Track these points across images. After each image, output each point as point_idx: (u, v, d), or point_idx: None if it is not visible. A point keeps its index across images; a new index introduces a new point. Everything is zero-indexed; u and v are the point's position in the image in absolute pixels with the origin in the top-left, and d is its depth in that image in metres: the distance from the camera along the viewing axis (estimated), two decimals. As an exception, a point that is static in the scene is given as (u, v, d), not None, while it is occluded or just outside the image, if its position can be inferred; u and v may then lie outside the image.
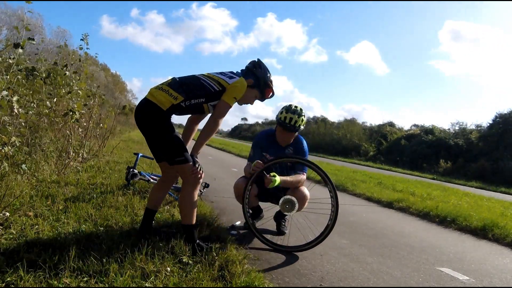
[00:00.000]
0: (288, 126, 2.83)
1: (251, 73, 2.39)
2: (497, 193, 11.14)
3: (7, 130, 2.78)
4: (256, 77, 2.38)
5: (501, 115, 20.07)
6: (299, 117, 2.83)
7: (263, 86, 2.41)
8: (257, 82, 2.38)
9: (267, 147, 3.02)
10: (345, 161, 19.93)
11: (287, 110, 2.86)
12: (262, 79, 2.39)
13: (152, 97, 2.15)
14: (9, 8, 21.78)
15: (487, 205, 5.89)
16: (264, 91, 2.44)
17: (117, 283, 1.65)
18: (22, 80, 3.61)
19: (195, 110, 2.28)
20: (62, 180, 3.67)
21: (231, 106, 2.26)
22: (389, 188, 6.96)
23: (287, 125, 2.83)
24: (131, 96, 52.14)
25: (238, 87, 2.25)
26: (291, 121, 2.82)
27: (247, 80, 2.34)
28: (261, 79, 2.39)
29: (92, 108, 5.68)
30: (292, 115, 2.82)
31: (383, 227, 3.92)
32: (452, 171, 18.22)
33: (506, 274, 2.72)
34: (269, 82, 2.44)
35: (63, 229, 2.25)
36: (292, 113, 2.83)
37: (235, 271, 1.94)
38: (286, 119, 2.83)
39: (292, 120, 2.82)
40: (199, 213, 3.16)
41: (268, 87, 2.44)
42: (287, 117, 2.83)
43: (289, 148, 3.00)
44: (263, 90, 2.43)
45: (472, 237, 3.90)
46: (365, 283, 2.22)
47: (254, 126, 60.11)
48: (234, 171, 7.61)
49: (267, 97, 2.49)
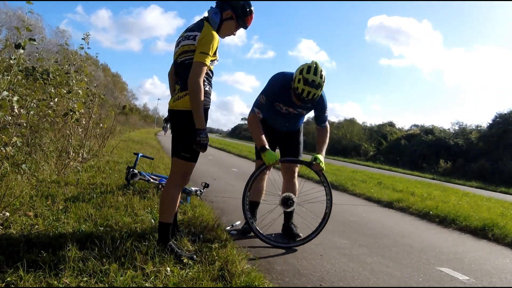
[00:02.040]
0: (305, 100, 2.52)
1: (226, 4, 2.20)
2: (497, 193, 11.14)
3: (8, 130, 2.77)
4: (233, 7, 2.19)
5: (501, 115, 20.06)
6: (318, 88, 2.46)
7: (242, 14, 2.22)
8: (236, 13, 2.20)
9: (281, 98, 2.72)
10: (345, 161, 19.95)
11: (305, 82, 2.45)
12: (240, 7, 2.20)
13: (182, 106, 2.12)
14: (9, 8, 21.77)
15: (487, 205, 5.89)
16: (245, 20, 2.25)
17: (117, 283, 1.65)
18: (22, 80, 3.61)
19: None
20: (62, 180, 3.67)
21: (204, 63, 2.03)
22: (389, 188, 6.96)
23: (304, 99, 2.51)
24: (131, 96, 52.20)
25: (203, 41, 2.05)
26: (309, 95, 2.47)
27: (225, 12, 2.20)
28: (238, 7, 2.20)
29: (92, 108, 5.67)
30: (310, 88, 2.45)
31: (383, 227, 3.92)
32: (452, 171, 18.23)
33: (506, 274, 2.72)
34: (249, 11, 2.23)
35: (63, 229, 2.25)
36: (310, 85, 2.45)
37: (235, 271, 1.94)
38: (304, 93, 2.47)
39: (310, 94, 2.47)
40: (199, 213, 3.16)
41: (248, 14, 2.24)
42: (305, 90, 2.46)
43: None
44: (243, 19, 2.24)
45: (472, 237, 3.90)
46: (365, 283, 2.22)
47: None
48: (234, 171, 7.61)
49: (248, 24, 2.28)
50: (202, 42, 2.06)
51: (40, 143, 4.31)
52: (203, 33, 2.08)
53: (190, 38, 2.12)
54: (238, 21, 2.24)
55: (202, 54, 2.03)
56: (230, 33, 2.29)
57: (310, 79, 2.46)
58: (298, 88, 2.50)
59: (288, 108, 2.81)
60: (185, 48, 2.13)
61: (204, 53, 2.03)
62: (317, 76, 2.47)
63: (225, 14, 2.21)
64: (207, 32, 2.08)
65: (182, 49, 2.15)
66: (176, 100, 2.16)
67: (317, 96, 2.53)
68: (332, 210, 2.75)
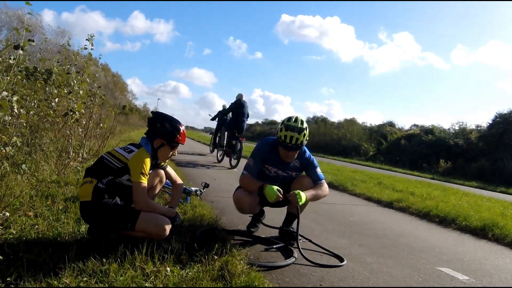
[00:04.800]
0: (289, 146, 2.61)
1: (154, 133, 2.29)
2: (497, 193, 11.13)
3: (8, 130, 2.78)
4: (161, 134, 2.27)
5: (501, 115, 20.04)
6: (300, 133, 2.58)
7: (170, 138, 2.29)
8: (165, 139, 2.28)
9: (270, 159, 2.80)
10: (345, 161, 19.92)
11: (286, 128, 2.61)
12: (167, 134, 2.28)
13: (80, 197, 2.21)
14: (9, 8, 21.78)
15: (487, 205, 5.89)
16: (176, 140, 2.31)
17: (117, 283, 1.65)
18: (22, 80, 3.61)
19: (116, 189, 2.21)
20: (62, 180, 3.67)
21: (143, 182, 2.14)
22: (389, 188, 6.96)
23: (288, 144, 2.60)
24: (131, 96, 52.21)
25: (137, 162, 2.15)
26: (291, 140, 2.58)
27: (155, 141, 2.27)
28: (165, 134, 2.28)
29: (92, 108, 5.67)
30: (292, 133, 2.58)
31: (383, 227, 3.92)
32: (452, 171, 18.20)
33: (506, 274, 2.72)
34: (176, 132, 2.30)
35: (63, 229, 2.25)
36: (291, 130, 2.58)
37: (235, 271, 1.94)
38: (287, 139, 2.59)
39: (293, 139, 2.58)
40: (199, 213, 3.17)
41: (177, 135, 2.30)
42: (287, 136, 2.59)
43: (295, 161, 2.79)
44: (172, 141, 2.30)
45: (472, 237, 3.90)
46: (365, 283, 2.22)
47: (254, 126, 59.98)
48: (234, 171, 7.61)
49: (182, 142, 2.36)
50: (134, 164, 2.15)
51: (40, 143, 4.32)
52: (137, 155, 2.18)
53: (126, 150, 2.23)
54: (171, 144, 2.31)
55: (140, 175, 2.14)
56: (168, 156, 2.36)
57: (291, 125, 2.62)
58: (281, 136, 2.62)
59: (277, 171, 2.83)
60: (116, 154, 2.23)
61: (142, 174, 2.14)
62: (297, 123, 2.63)
63: (156, 143, 2.29)
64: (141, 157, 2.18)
65: (114, 152, 2.24)
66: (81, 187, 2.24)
67: (300, 142, 2.60)
68: (332, 210, 2.76)
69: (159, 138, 2.29)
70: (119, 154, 2.22)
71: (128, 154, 2.20)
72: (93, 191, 2.12)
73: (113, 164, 2.19)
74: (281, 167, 2.82)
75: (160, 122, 2.30)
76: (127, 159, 2.17)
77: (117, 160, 2.19)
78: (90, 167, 2.27)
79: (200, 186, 4.05)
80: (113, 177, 2.18)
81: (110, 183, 2.18)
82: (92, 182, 2.15)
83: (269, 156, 2.79)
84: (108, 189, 2.17)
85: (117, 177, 2.19)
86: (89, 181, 2.16)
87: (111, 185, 2.19)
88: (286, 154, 2.71)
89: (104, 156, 2.25)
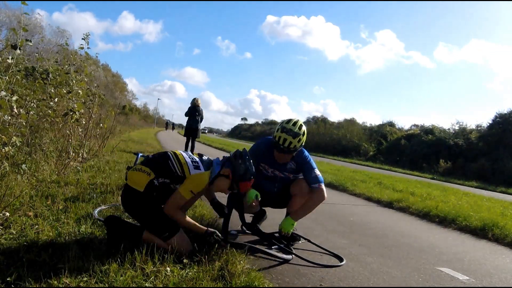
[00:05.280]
0: (281, 148, 2.57)
1: (230, 163, 2.28)
2: (497, 193, 11.13)
3: (8, 130, 2.77)
4: (234, 168, 2.25)
5: (501, 115, 20.04)
6: (294, 138, 2.54)
7: (239, 177, 2.25)
8: (234, 174, 2.25)
9: (266, 158, 2.77)
10: (345, 161, 19.91)
11: (282, 129, 2.57)
12: (238, 173, 2.24)
13: (130, 181, 2.18)
14: (9, 8, 21.76)
15: (487, 205, 5.89)
16: (239, 184, 2.27)
17: (117, 283, 1.65)
18: (21, 80, 3.61)
19: (166, 191, 2.20)
20: (62, 180, 3.67)
21: (186, 198, 2.17)
22: (389, 188, 6.96)
23: (280, 146, 2.57)
24: (131, 96, 52.19)
25: (195, 182, 2.16)
26: (284, 143, 2.55)
27: (224, 169, 2.26)
28: (238, 170, 2.24)
29: (92, 108, 5.68)
30: (286, 135, 2.53)
31: (383, 227, 3.92)
32: (452, 171, 18.19)
33: (506, 274, 2.72)
34: (247, 178, 2.26)
35: (63, 229, 2.25)
36: (287, 133, 2.54)
37: (235, 271, 1.94)
38: (280, 140, 2.55)
39: (286, 142, 2.54)
40: (199, 213, 3.16)
41: (243, 180, 2.26)
42: (281, 137, 2.55)
43: (291, 163, 2.75)
44: (238, 181, 2.26)
45: (472, 237, 3.90)
46: (365, 283, 2.22)
47: (254, 126, 60.03)
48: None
49: (242, 190, 2.31)
50: (193, 181, 2.17)
51: (40, 143, 4.32)
52: (200, 176, 2.19)
53: (194, 162, 2.22)
54: (233, 182, 2.28)
55: (190, 192, 2.16)
56: (222, 191, 2.33)
57: (288, 127, 2.57)
58: (276, 137, 2.59)
59: (274, 171, 2.82)
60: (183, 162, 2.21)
61: (191, 192, 2.17)
62: (295, 126, 2.58)
63: (224, 171, 2.27)
64: (202, 180, 2.20)
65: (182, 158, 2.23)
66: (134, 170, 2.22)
67: (293, 146, 2.55)
68: (332, 210, 2.75)
69: (230, 169, 2.26)
70: (185, 164, 2.20)
71: (194, 170, 2.18)
72: (147, 184, 2.12)
73: (175, 170, 2.18)
74: (277, 168, 2.80)
75: (243, 160, 2.27)
76: (190, 174, 2.17)
77: (180, 169, 2.18)
78: (154, 158, 2.26)
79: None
80: (169, 181, 2.19)
81: (164, 184, 2.18)
82: (150, 175, 2.14)
83: (266, 156, 2.77)
84: (159, 188, 2.17)
85: (172, 182, 2.20)
86: (148, 172, 2.15)
87: (164, 186, 2.18)
88: (278, 155, 2.70)
89: (170, 156, 2.23)
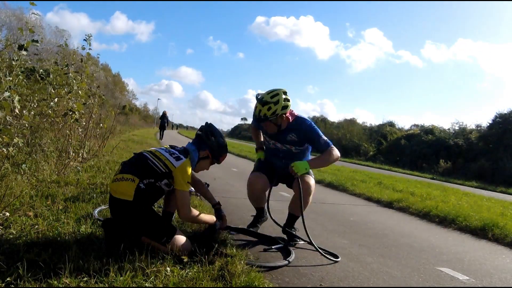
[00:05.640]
0: (255, 116, 2.67)
1: (204, 143, 2.35)
2: (497, 193, 11.13)
3: (10, 131, 2.77)
4: (211, 148, 2.35)
5: (501, 115, 20.04)
6: (263, 106, 2.56)
7: (218, 154, 2.39)
8: (212, 152, 2.36)
9: (262, 130, 2.88)
10: (345, 161, 19.91)
11: (256, 98, 2.62)
12: (217, 148, 2.36)
13: (116, 193, 2.10)
14: (8, 8, 21.77)
15: (487, 205, 5.89)
16: (219, 158, 2.41)
17: (117, 283, 1.65)
18: (23, 80, 3.60)
19: (156, 191, 2.19)
20: (62, 180, 3.67)
21: (187, 191, 2.18)
22: (389, 188, 6.96)
23: (255, 114, 2.67)
24: (131, 96, 52.19)
25: (184, 172, 2.17)
26: (255, 111, 2.64)
27: (202, 151, 2.34)
28: (215, 148, 2.35)
29: (92, 108, 5.67)
30: (258, 104, 2.59)
31: (383, 227, 3.92)
32: (452, 171, 18.20)
33: (506, 274, 2.72)
34: (224, 150, 2.41)
35: (63, 229, 2.25)
36: (258, 101, 2.59)
37: (235, 271, 1.94)
38: (256, 110, 2.64)
39: (256, 110, 2.62)
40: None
41: (223, 153, 2.42)
42: (256, 107, 2.62)
43: (291, 134, 2.74)
44: (218, 157, 2.40)
45: (472, 237, 3.90)
46: (365, 283, 2.22)
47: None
48: (234, 171, 7.61)
49: (222, 160, 2.45)
50: (182, 172, 2.16)
51: (40, 143, 4.32)
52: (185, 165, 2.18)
53: (174, 156, 2.19)
54: (213, 159, 2.41)
55: (187, 183, 2.18)
56: (206, 168, 2.46)
57: (261, 97, 2.59)
58: None
59: (275, 143, 2.83)
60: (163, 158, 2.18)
61: (188, 183, 2.19)
62: (268, 95, 2.57)
63: (202, 154, 2.36)
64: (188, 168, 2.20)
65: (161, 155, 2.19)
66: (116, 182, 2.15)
67: (263, 114, 2.57)
68: (332, 210, 2.75)
69: (208, 150, 2.34)
70: (166, 159, 2.17)
71: (176, 162, 2.16)
72: (135, 192, 2.07)
73: (158, 168, 2.14)
74: (276, 139, 2.81)
75: (214, 136, 2.35)
76: (174, 167, 2.15)
77: (162, 165, 2.15)
78: (131, 163, 2.20)
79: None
80: (154, 180, 2.15)
81: (150, 184, 2.14)
82: (134, 181, 2.08)
83: (261, 128, 2.88)
84: (147, 190, 2.13)
85: (157, 180, 2.16)
86: (131, 179, 2.09)
87: (150, 186, 2.15)
88: (264, 125, 2.73)
89: (146, 155, 2.19)
